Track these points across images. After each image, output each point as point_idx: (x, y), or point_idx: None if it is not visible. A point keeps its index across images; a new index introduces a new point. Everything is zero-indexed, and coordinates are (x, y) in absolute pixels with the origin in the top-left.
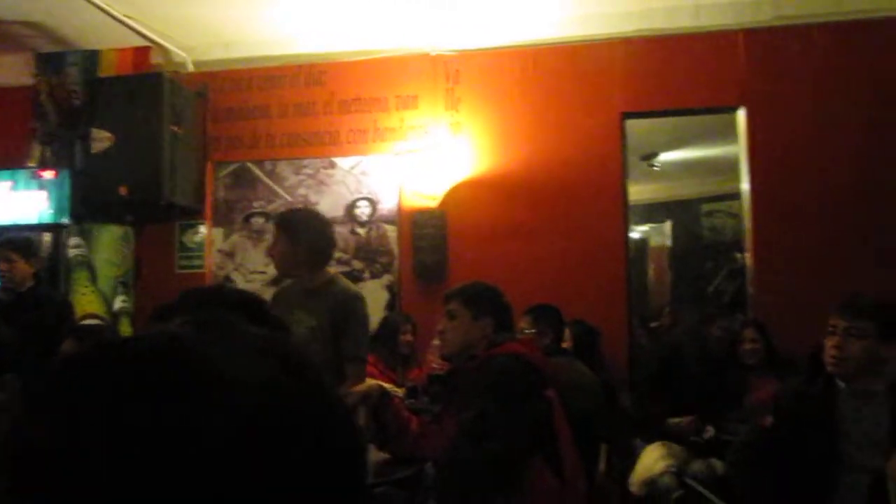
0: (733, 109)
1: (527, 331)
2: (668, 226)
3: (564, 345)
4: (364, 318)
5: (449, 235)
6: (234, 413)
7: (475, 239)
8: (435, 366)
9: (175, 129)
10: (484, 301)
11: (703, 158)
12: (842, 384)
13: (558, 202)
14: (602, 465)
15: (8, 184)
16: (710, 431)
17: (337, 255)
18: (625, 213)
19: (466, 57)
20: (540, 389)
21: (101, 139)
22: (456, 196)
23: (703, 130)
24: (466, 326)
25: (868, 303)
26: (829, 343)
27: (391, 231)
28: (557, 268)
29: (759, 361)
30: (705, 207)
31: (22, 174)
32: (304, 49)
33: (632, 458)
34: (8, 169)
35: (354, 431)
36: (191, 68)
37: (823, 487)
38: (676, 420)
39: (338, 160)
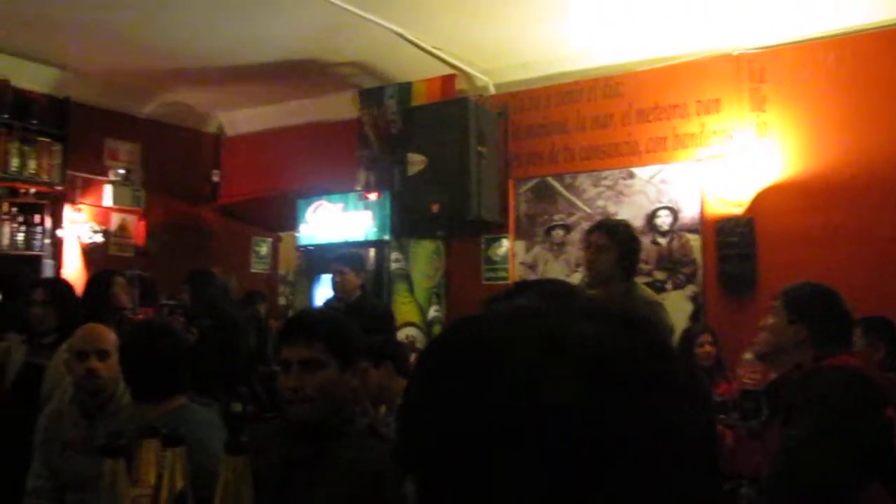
0: None
1: (857, 343)
2: None
3: None
4: (666, 324)
5: (758, 243)
6: (581, 367)
7: (788, 246)
8: (747, 381)
9: (480, 149)
10: (803, 306)
11: None
12: None
13: (883, 203)
14: None
15: (339, 206)
16: None
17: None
18: None
19: (772, 53)
20: (877, 408)
21: (416, 162)
22: (764, 201)
23: None
24: (780, 329)
25: None
26: None
27: (694, 240)
28: (884, 275)
29: None
30: None
31: (351, 197)
32: (601, 62)
33: None
34: (339, 193)
35: (700, 389)
36: (492, 91)
37: None
38: None
39: (637, 170)
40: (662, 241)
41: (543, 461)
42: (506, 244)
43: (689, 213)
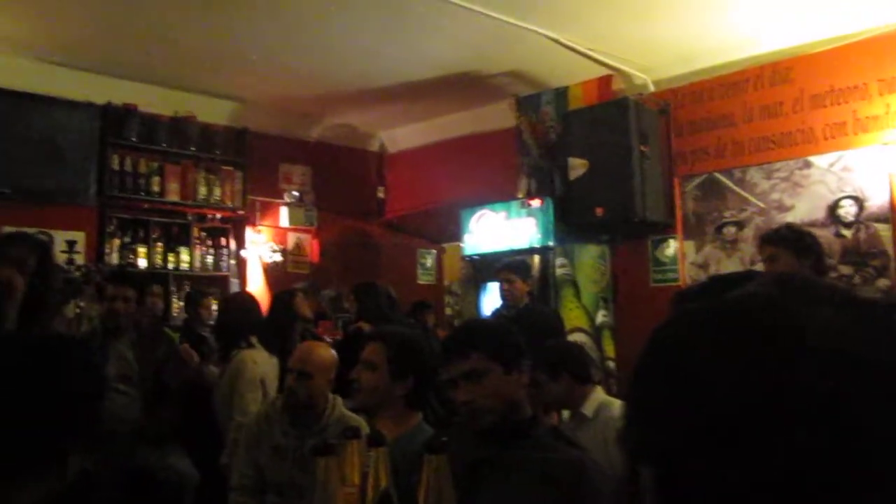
0: None
1: None
2: None
3: None
4: None
5: None
6: (825, 360)
7: None
8: None
9: (643, 148)
10: None
11: None
12: None
13: None
14: None
15: (503, 214)
16: None
17: None
18: None
19: None
20: None
21: (577, 166)
22: None
23: None
24: None
25: None
26: None
27: (884, 230)
28: None
29: None
30: None
31: (513, 204)
32: (767, 48)
33: None
34: (501, 201)
35: None
36: (651, 88)
37: None
38: None
39: (814, 159)
40: (847, 232)
41: (788, 454)
42: (674, 245)
43: (876, 202)
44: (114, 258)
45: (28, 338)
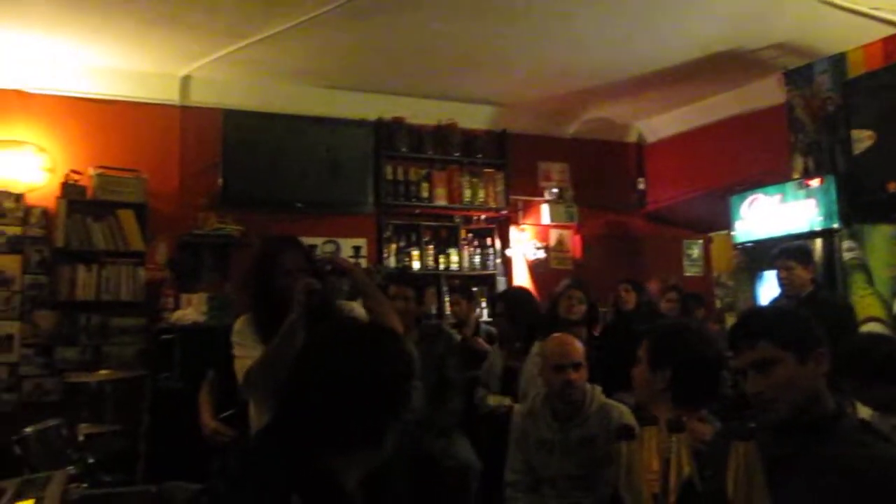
0: None
1: None
2: None
3: None
4: None
5: None
6: None
7: None
8: None
9: None
10: None
11: None
12: None
13: None
14: None
15: (777, 197)
16: None
17: None
18: None
19: None
20: None
21: (862, 139)
22: None
23: None
24: None
25: None
26: None
27: None
28: None
29: None
30: None
31: (789, 186)
32: None
33: None
34: (775, 184)
35: None
36: None
37: None
38: None
39: None
40: None
41: None
42: None
43: None
44: (391, 261)
45: (351, 327)
